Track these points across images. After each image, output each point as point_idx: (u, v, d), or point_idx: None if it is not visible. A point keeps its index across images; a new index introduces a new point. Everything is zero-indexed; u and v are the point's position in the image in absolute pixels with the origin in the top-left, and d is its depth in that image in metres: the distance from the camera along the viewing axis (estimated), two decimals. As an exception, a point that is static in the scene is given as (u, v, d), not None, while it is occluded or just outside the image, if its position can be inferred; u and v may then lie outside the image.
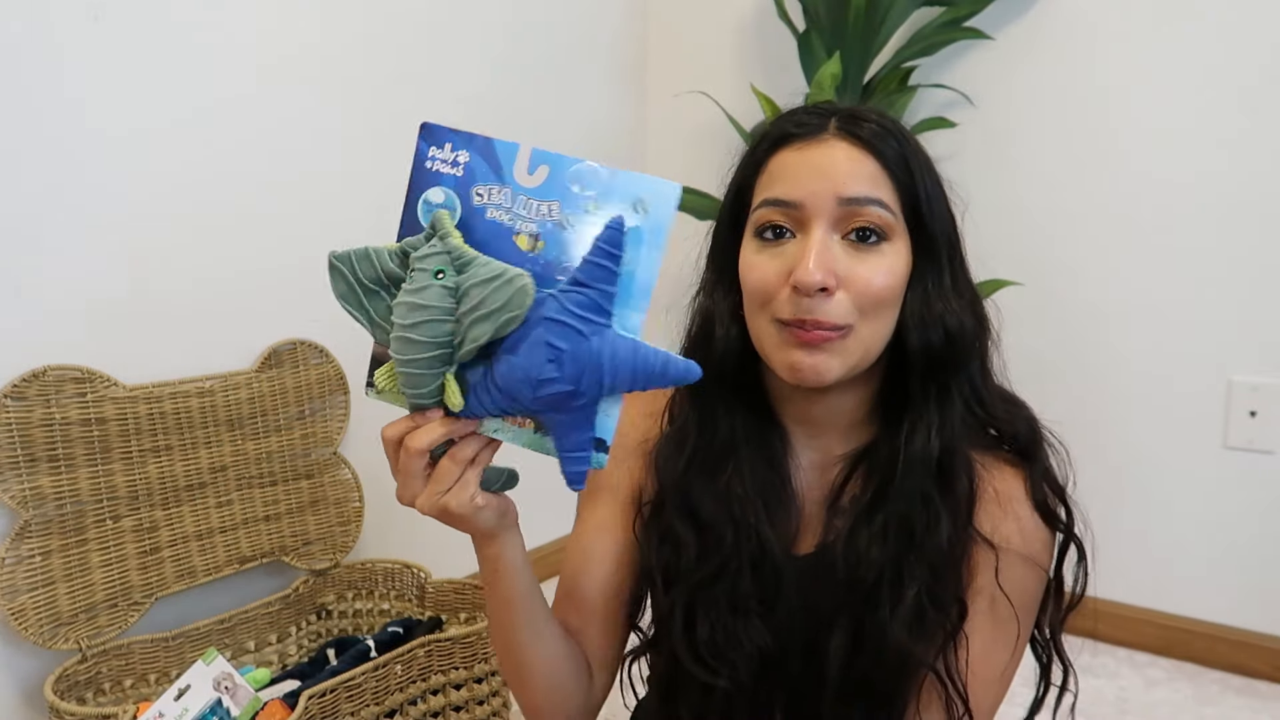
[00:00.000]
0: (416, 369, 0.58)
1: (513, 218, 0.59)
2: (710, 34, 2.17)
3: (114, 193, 1.28)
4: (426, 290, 0.57)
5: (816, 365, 0.68)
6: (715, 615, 0.74)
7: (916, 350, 0.71)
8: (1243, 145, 1.61)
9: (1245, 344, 1.64)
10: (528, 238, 0.59)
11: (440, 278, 0.57)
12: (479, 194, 0.59)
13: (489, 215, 0.59)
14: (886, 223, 0.68)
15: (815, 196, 0.68)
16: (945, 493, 0.72)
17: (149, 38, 1.30)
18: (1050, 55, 1.76)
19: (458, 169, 0.60)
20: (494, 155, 0.59)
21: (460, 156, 0.59)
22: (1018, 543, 0.73)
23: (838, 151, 0.69)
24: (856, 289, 0.67)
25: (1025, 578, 0.74)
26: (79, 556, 1.22)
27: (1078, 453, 0.82)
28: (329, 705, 1.13)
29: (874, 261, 0.68)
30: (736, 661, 0.74)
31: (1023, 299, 1.75)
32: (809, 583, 0.75)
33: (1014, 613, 0.74)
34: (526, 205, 0.59)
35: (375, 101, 1.63)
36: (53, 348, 1.22)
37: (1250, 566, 1.68)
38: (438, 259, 0.58)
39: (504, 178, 0.59)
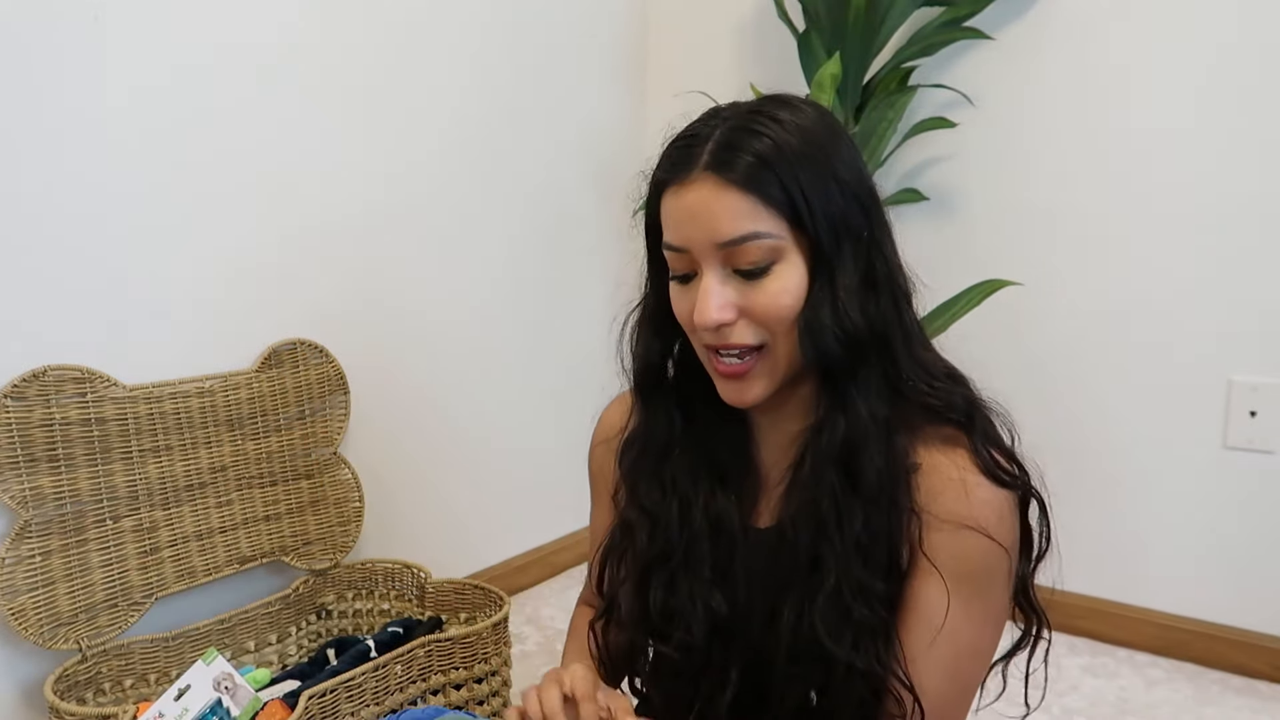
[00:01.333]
0: None
1: None
2: (710, 34, 2.17)
3: (114, 192, 1.28)
4: None
5: (742, 392, 0.74)
6: (669, 584, 0.80)
7: (810, 358, 0.73)
8: (1242, 145, 1.61)
9: (1245, 344, 1.64)
10: None
11: None
12: None
13: None
14: (769, 249, 0.70)
15: (695, 242, 0.72)
16: (852, 486, 0.73)
17: (149, 37, 1.30)
18: (1050, 55, 1.76)
19: None
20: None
21: None
22: (969, 515, 0.72)
23: (705, 193, 0.71)
24: (758, 316, 0.72)
25: (979, 549, 0.73)
26: (79, 556, 1.22)
27: (1077, 452, 0.82)
28: (329, 705, 1.13)
29: (768, 286, 0.71)
30: (691, 622, 0.79)
31: (1023, 299, 1.75)
32: (767, 555, 0.79)
33: (976, 588, 0.74)
34: None
35: (374, 101, 1.63)
36: (53, 348, 1.22)
37: (1250, 566, 1.68)
38: None
39: None
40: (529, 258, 1.98)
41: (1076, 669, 1.71)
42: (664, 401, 0.83)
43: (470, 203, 1.83)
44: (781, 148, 0.70)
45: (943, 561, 0.73)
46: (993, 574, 0.74)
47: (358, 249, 1.62)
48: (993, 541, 0.73)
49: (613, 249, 2.21)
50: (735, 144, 0.70)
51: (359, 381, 1.56)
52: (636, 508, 0.84)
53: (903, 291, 0.76)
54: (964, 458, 0.74)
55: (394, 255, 1.68)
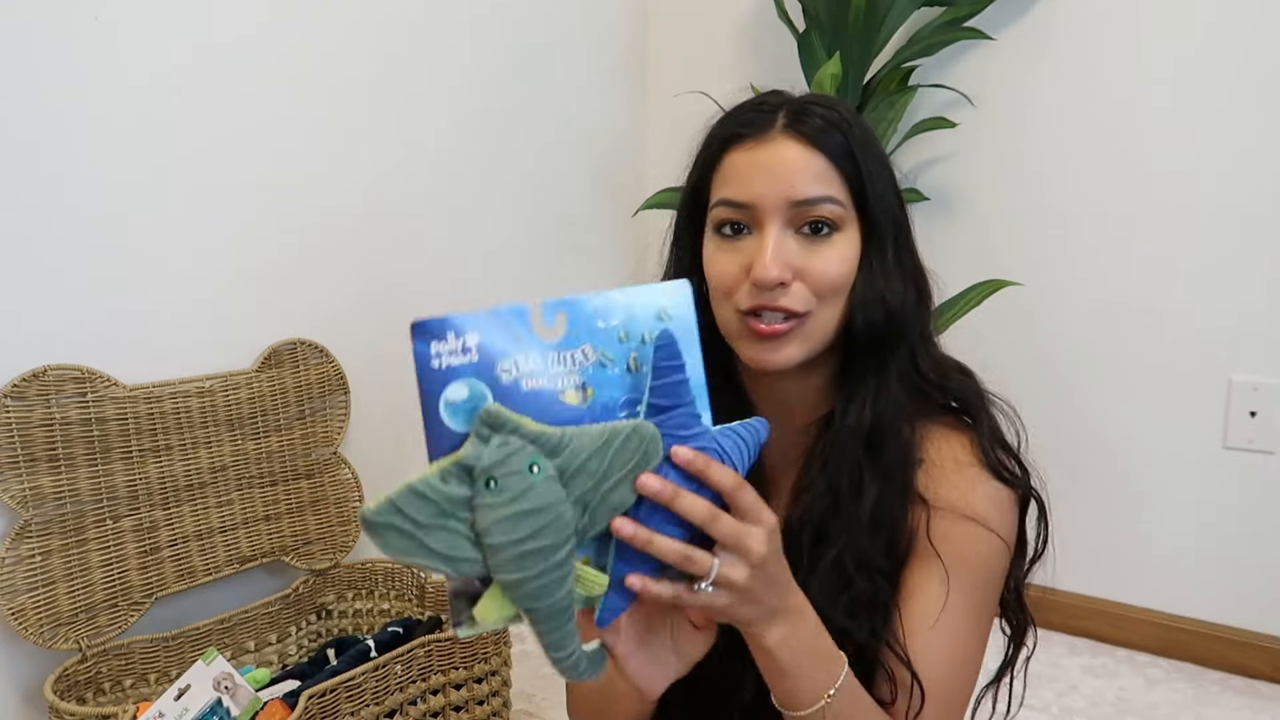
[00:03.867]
0: (545, 578, 0.52)
1: (551, 379, 0.55)
2: (710, 34, 2.17)
3: (114, 192, 1.28)
4: (533, 491, 0.52)
5: (777, 353, 0.73)
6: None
7: (860, 329, 0.74)
8: (1242, 144, 1.61)
9: (1245, 344, 1.64)
10: (575, 391, 0.55)
11: (536, 471, 0.52)
12: (505, 370, 0.54)
13: (526, 387, 0.55)
14: (837, 215, 0.73)
15: (766, 198, 0.72)
16: (874, 461, 0.75)
17: (148, 37, 1.30)
18: (1051, 55, 1.76)
19: (470, 355, 0.54)
20: (505, 324, 0.55)
21: (469, 339, 0.54)
22: (971, 507, 0.74)
23: (786, 151, 0.72)
24: (813, 280, 0.72)
25: (980, 541, 0.75)
26: (79, 556, 1.22)
27: (1078, 452, 0.83)
28: (329, 705, 1.13)
29: (827, 252, 0.73)
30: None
31: (1023, 299, 1.75)
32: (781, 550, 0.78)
33: (976, 579, 0.75)
34: (560, 360, 0.55)
35: (374, 101, 1.63)
36: (53, 348, 1.22)
37: (1250, 566, 1.68)
38: (524, 455, 0.52)
39: (525, 343, 0.55)
40: (529, 257, 1.98)
41: (1076, 669, 1.71)
42: None
43: (470, 202, 1.83)
44: (853, 126, 0.74)
45: (945, 549, 0.74)
46: (991, 567, 0.76)
47: (358, 249, 1.62)
48: (993, 534, 0.74)
49: (612, 248, 2.20)
50: (813, 112, 0.74)
51: (359, 381, 1.56)
52: None
53: (925, 287, 0.79)
54: (970, 451, 0.76)
55: (394, 255, 1.68)
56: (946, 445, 0.77)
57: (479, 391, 0.54)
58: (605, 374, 0.56)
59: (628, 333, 0.56)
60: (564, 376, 0.55)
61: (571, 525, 0.53)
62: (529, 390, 0.54)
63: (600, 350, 0.56)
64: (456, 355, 0.54)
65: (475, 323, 0.54)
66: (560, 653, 0.55)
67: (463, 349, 0.54)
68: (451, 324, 0.54)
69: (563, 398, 0.55)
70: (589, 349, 0.56)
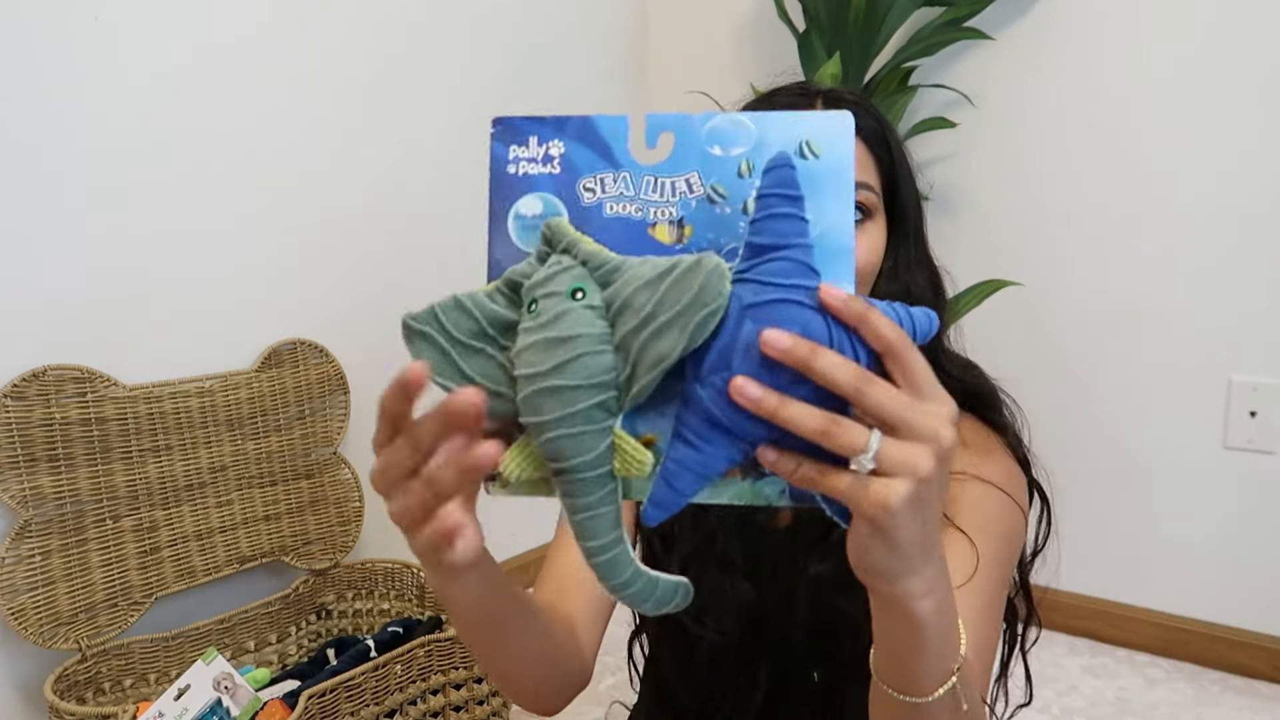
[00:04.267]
0: (573, 427, 0.42)
1: (642, 207, 0.46)
2: (710, 34, 2.17)
3: (113, 192, 1.28)
4: (567, 317, 0.43)
5: None
6: (704, 575, 0.78)
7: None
8: (1242, 144, 1.61)
9: (1245, 344, 1.64)
10: (668, 226, 0.46)
11: (580, 298, 0.43)
12: (588, 188, 0.47)
13: (609, 211, 0.46)
14: (871, 203, 0.73)
15: None
16: None
17: (148, 37, 1.30)
18: (1050, 55, 1.76)
19: (552, 165, 0.47)
20: (598, 136, 0.47)
21: (553, 148, 0.47)
22: (992, 475, 0.74)
23: None
24: None
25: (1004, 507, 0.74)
26: (79, 556, 1.22)
27: (1078, 452, 0.83)
28: (329, 705, 1.13)
29: (860, 240, 0.72)
30: (723, 615, 0.78)
31: (1023, 299, 1.75)
32: (788, 554, 0.79)
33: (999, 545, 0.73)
34: (657, 186, 0.46)
35: (374, 101, 1.63)
36: (53, 348, 1.22)
37: (1250, 566, 1.68)
38: (570, 276, 0.44)
39: (617, 160, 0.46)
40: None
41: (1076, 669, 1.71)
42: None
43: (470, 202, 1.83)
44: (882, 115, 0.75)
45: (967, 514, 0.72)
46: (1012, 535, 0.74)
47: (358, 249, 1.62)
48: (1012, 502, 0.74)
49: (613, 249, 2.21)
50: (854, 102, 0.74)
51: (359, 381, 1.56)
52: None
53: (941, 283, 0.81)
54: (986, 433, 0.77)
55: (394, 255, 1.68)
56: (965, 425, 0.77)
57: (554, 208, 0.47)
58: (712, 213, 0.46)
59: (753, 166, 0.45)
60: (659, 207, 0.46)
61: (609, 372, 0.43)
62: (612, 215, 0.46)
63: (710, 184, 0.46)
64: (536, 164, 0.47)
65: (564, 130, 0.47)
66: (593, 542, 0.44)
67: (544, 157, 0.47)
68: (535, 128, 0.47)
69: (652, 232, 0.46)
70: (695, 179, 0.46)
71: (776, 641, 0.79)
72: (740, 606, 0.78)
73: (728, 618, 0.78)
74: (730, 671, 0.80)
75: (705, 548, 0.79)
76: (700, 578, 0.78)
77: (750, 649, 0.79)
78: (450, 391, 0.43)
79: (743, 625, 0.78)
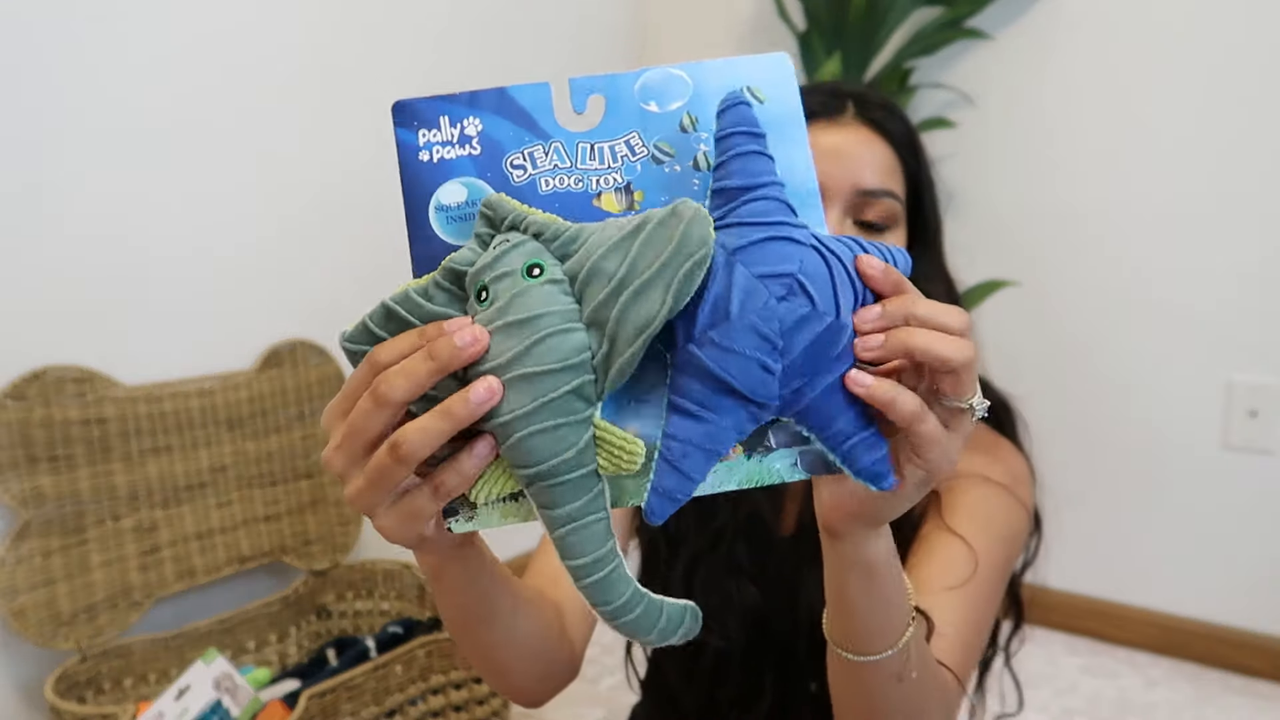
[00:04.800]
0: (546, 421, 0.37)
1: (582, 178, 0.42)
2: (710, 34, 2.17)
3: (113, 191, 1.28)
4: (525, 297, 0.37)
5: None
6: (711, 578, 0.78)
7: None
8: (1242, 144, 1.61)
9: (1245, 344, 1.64)
10: (615, 194, 0.42)
11: (537, 274, 0.38)
12: (517, 165, 0.42)
13: (545, 187, 0.42)
14: (895, 213, 0.72)
15: (833, 180, 0.70)
16: None
17: (147, 37, 1.30)
18: (1050, 55, 1.76)
19: (471, 146, 0.43)
20: (518, 107, 0.43)
21: (469, 127, 0.43)
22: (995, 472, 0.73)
23: (858, 135, 0.72)
24: None
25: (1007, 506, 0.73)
26: (79, 556, 1.22)
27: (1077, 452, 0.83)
28: (329, 705, 1.13)
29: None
30: (728, 620, 0.77)
31: (1022, 299, 1.75)
32: (794, 562, 0.78)
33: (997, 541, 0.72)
34: (595, 154, 0.42)
35: (372, 101, 1.63)
36: (53, 348, 1.22)
37: (1251, 566, 1.68)
38: (521, 252, 0.38)
39: (545, 131, 0.42)
40: (529, 258, 1.98)
41: (1076, 669, 1.71)
42: None
43: (470, 203, 1.83)
44: (916, 135, 0.75)
45: (968, 510, 0.72)
46: (1012, 536, 0.74)
47: (358, 249, 1.62)
48: (1016, 500, 0.74)
49: (613, 249, 2.20)
50: (883, 105, 0.73)
51: (359, 381, 1.56)
52: None
53: (957, 296, 0.80)
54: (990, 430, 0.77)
55: (395, 255, 1.68)
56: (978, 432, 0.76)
57: (480, 191, 0.42)
58: (661, 174, 0.42)
59: (695, 118, 0.42)
60: (601, 175, 0.42)
61: (582, 352, 0.37)
62: (549, 191, 0.42)
63: (654, 143, 0.42)
64: (452, 146, 0.43)
65: (478, 105, 0.42)
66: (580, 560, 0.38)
67: (460, 138, 0.43)
68: (443, 108, 0.43)
69: (598, 203, 0.42)
70: (636, 140, 0.42)
71: (781, 648, 0.79)
72: (746, 611, 0.77)
73: (733, 622, 0.77)
74: (735, 678, 0.79)
75: (713, 548, 0.78)
76: (707, 580, 0.78)
77: (755, 655, 0.79)
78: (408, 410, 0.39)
79: (747, 630, 0.78)
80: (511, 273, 0.38)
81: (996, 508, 0.73)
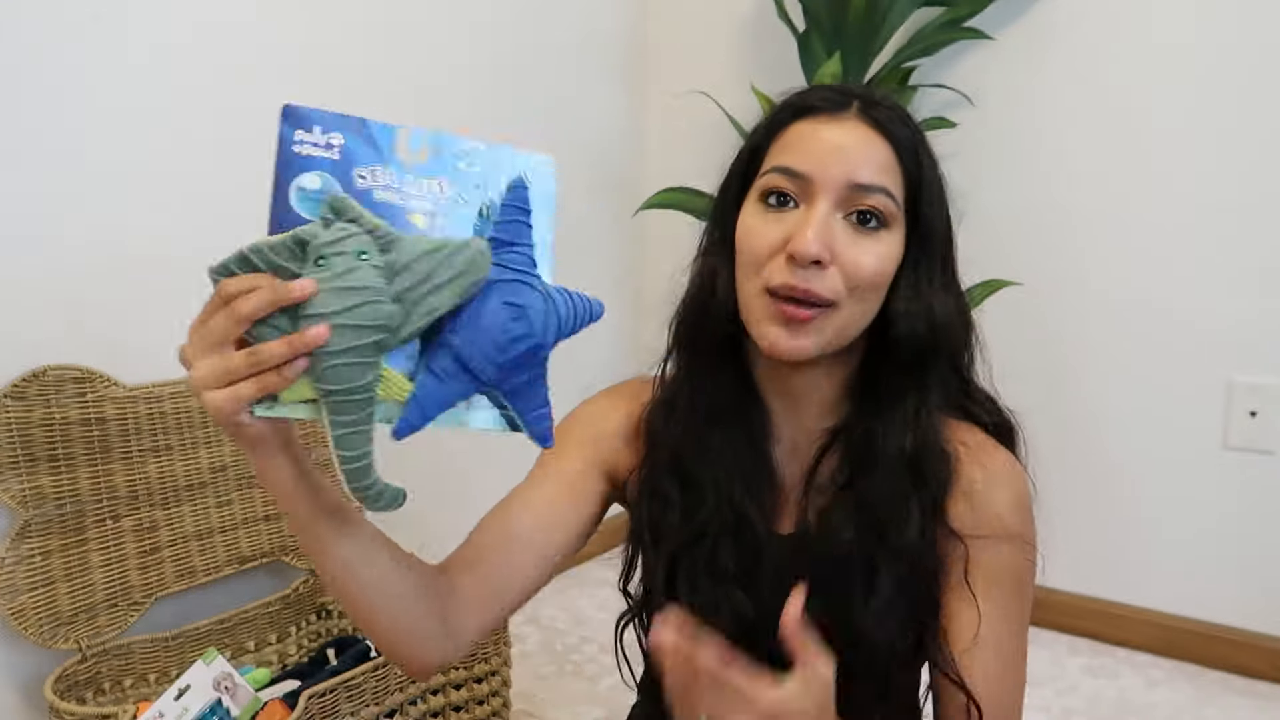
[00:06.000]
0: (351, 359, 0.53)
1: (404, 197, 0.57)
2: (710, 34, 2.17)
3: (113, 191, 1.28)
4: (356, 272, 0.53)
5: (796, 338, 0.70)
6: (694, 578, 0.77)
7: (902, 338, 0.72)
8: (1242, 145, 1.61)
9: (1245, 344, 1.64)
10: (423, 216, 0.58)
11: (365, 259, 0.54)
12: (361, 176, 0.57)
13: (378, 197, 0.57)
14: (889, 210, 0.71)
15: (826, 172, 0.70)
16: (918, 489, 0.73)
17: (147, 33, 1.30)
18: (1050, 55, 1.76)
19: (332, 151, 0.56)
20: (371, 136, 0.57)
21: (333, 139, 0.56)
22: (1007, 526, 0.74)
23: (858, 133, 0.71)
24: (848, 269, 0.70)
25: (1017, 555, 0.75)
26: (79, 556, 1.22)
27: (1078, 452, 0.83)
28: (329, 705, 1.13)
29: (870, 246, 0.70)
30: (715, 626, 0.76)
31: (1022, 299, 1.75)
32: (790, 563, 0.77)
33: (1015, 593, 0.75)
34: (416, 184, 0.58)
35: (372, 101, 1.63)
36: (53, 348, 1.22)
37: (1250, 566, 1.68)
38: (357, 240, 0.54)
39: (386, 158, 0.57)
40: (529, 258, 1.98)
41: (1076, 669, 1.71)
42: (714, 368, 0.79)
43: (470, 203, 1.83)
44: (923, 138, 0.74)
45: (985, 569, 0.73)
46: (1028, 580, 0.76)
47: (358, 249, 1.62)
48: (1029, 545, 0.75)
49: (612, 248, 2.20)
50: (889, 108, 0.73)
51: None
52: (673, 480, 0.79)
53: (968, 310, 0.78)
54: (1011, 465, 0.76)
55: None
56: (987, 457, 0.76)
57: (331, 185, 0.56)
58: (456, 211, 0.59)
59: (484, 183, 0.59)
60: (417, 199, 0.58)
61: (387, 318, 0.54)
62: (380, 201, 0.57)
63: (456, 189, 0.58)
64: (319, 148, 0.56)
65: (344, 126, 0.56)
66: (349, 452, 0.56)
67: (326, 144, 0.56)
68: (319, 119, 0.56)
69: (410, 217, 0.58)
70: (444, 183, 0.58)
71: (770, 654, 0.78)
72: (733, 618, 0.77)
73: (719, 628, 0.76)
74: None
75: (694, 545, 0.78)
76: (690, 582, 0.77)
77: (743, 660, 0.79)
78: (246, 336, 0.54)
79: (734, 636, 0.77)
80: (347, 253, 0.53)
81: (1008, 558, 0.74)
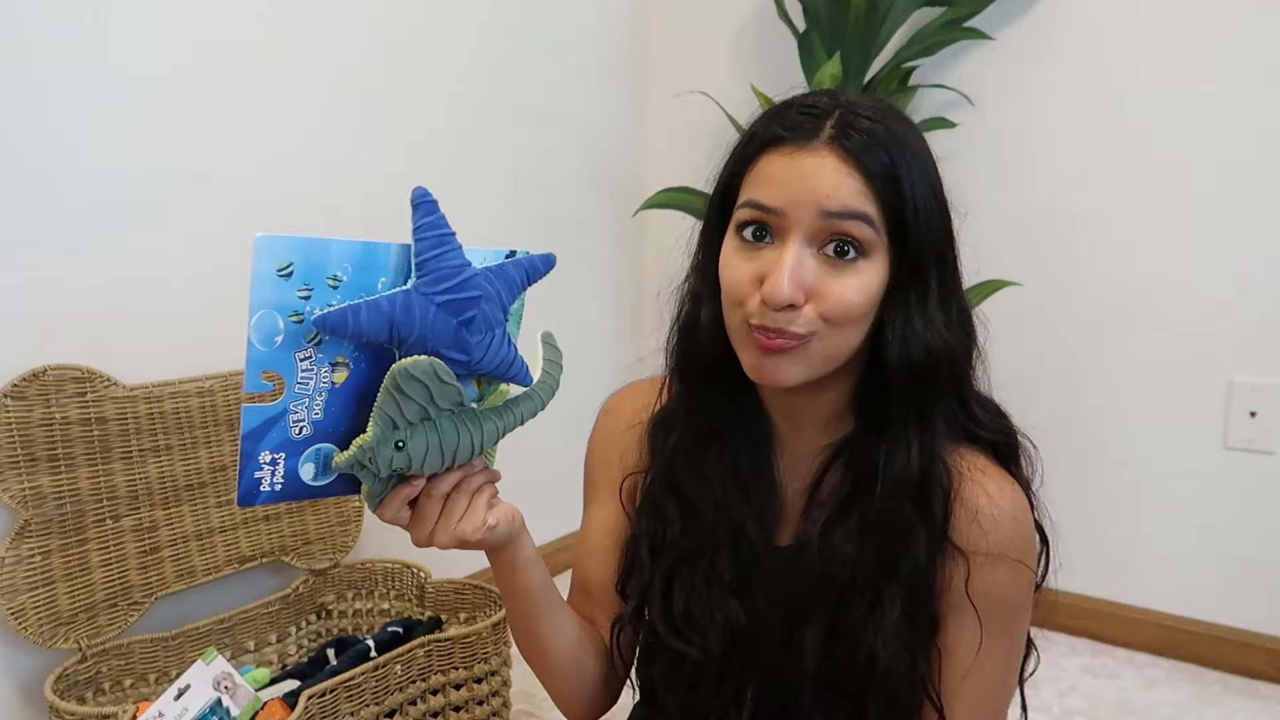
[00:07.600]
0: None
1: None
2: (710, 34, 2.17)
3: (113, 191, 1.28)
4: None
5: (777, 370, 0.70)
6: (691, 588, 0.78)
7: (896, 367, 0.71)
8: (1242, 143, 1.61)
9: (1245, 344, 1.64)
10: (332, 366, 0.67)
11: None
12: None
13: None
14: (867, 238, 0.68)
15: (797, 206, 0.68)
16: (923, 513, 0.73)
17: (148, 34, 1.30)
18: (1051, 55, 1.76)
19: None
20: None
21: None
22: (1006, 551, 0.74)
23: (828, 162, 0.68)
24: (826, 304, 0.68)
25: (1020, 582, 0.75)
26: (79, 556, 1.22)
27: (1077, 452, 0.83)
28: (329, 705, 1.13)
29: (847, 279, 0.68)
30: (708, 631, 0.77)
31: (1023, 299, 1.75)
32: (787, 575, 0.78)
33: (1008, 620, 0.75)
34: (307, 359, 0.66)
35: (372, 100, 1.63)
36: (53, 348, 1.22)
37: (1250, 566, 1.68)
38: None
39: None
40: (529, 258, 1.98)
41: (1076, 669, 1.71)
42: (711, 387, 0.79)
43: (469, 202, 1.83)
44: (904, 146, 0.70)
45: (980, 598, 0.73)
46: (1025, 605, 0.76)
47: (358, 249, 1.62)
48: (1029, 571, 0.75)
49: (612, 248, 2.21)
50: (865, 131, 0.69)
51: (359, 381, 1.56)
52: (672, 497, 0.81)
53: (972, 331, 0.76)
54: (1012, 492, 0.75)
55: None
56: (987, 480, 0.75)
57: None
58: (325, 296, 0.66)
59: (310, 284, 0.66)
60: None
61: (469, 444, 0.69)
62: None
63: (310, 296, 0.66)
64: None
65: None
66: (511, 426, 0.73)
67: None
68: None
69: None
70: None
71: (763, 663, 0.78)
72: (727, 625, 0.77)
73: (712, 634, 0.77)
74: (710, 689, 0.79)
75: (695, 557, 0.79)
76: (687, 588, 0.79)
77: (735, 668, 0.78)
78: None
79: (726, 644, 0.77)
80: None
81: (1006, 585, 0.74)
